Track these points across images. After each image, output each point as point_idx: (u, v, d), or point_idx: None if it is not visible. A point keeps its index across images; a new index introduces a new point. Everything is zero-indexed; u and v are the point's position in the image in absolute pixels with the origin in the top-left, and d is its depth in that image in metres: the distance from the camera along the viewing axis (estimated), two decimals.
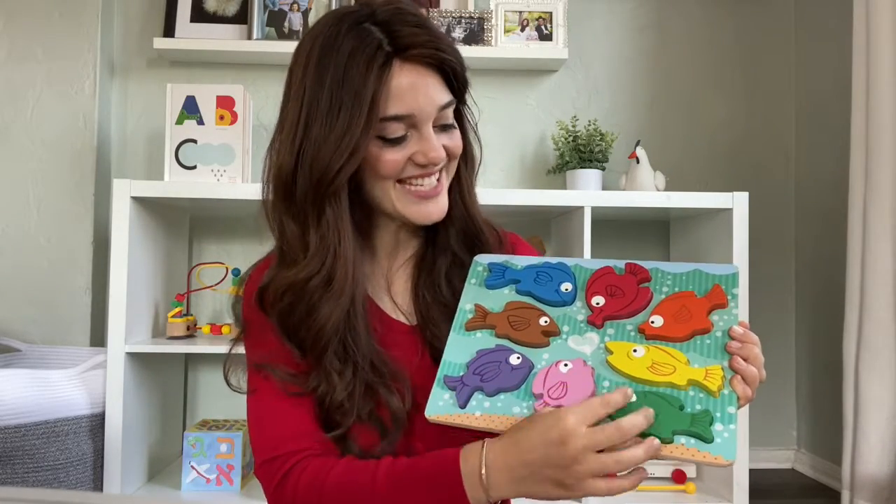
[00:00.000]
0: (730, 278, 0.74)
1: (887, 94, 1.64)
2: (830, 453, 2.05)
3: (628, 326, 0.73)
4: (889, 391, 1.64)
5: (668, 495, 1.76)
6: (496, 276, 0.80)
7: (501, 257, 0.83)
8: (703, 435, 0.62)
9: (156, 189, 1.68)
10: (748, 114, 2.26)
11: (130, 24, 2.12)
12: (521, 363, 0.71)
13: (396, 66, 0.74)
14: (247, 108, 1.83)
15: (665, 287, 0.75)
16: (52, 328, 1.93)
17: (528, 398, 0.68)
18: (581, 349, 0.71)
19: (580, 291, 0.77)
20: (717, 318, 0.71)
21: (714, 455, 0.61)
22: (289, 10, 2.07)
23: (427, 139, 0.76)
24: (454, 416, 0.68)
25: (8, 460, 1.46)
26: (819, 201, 2.15)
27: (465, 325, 0.76)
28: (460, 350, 0.74)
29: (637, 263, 0.78)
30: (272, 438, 0.76)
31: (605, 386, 0.67)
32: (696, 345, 0.69)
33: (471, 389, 0.69)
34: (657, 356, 0.68)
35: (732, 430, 0.63)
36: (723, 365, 0.67)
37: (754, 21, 2.27)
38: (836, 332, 1.81)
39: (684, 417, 0.63)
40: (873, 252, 1.65)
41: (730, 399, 0.65)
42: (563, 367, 0.69)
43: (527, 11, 2.12)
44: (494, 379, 0.70)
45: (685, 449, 0.62)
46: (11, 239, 1.95)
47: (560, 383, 0.68)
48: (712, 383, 0.65)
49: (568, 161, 1.98)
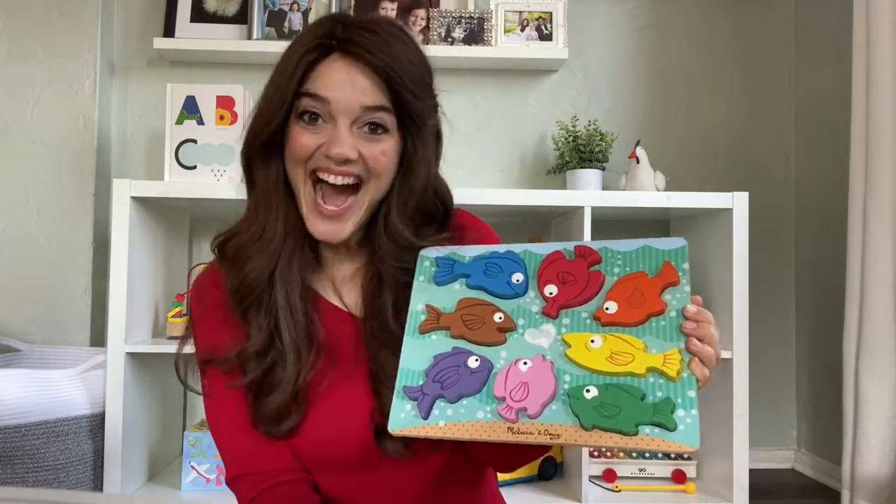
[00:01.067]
0: (678, 252, 0.72)
1: (887, 94, 1.64)
2: (830, 453, 2.05)
3: (583, 314, 0.71)
4: (889, 391, 1.64)
5: (668, 495, 1.76)
6: (444, 271, 0.77)
7: (446, 249, 0.80)
8: (665, 424, 0.62)
9: (156, 189, 1.68)
10: (748, 114, 2.26)
11: (130, 24, 2.12)
12: (479, 365, 0.69)
13: (334, 57, 0.77)
14: (247, 108, 1.83)
15: (616, 268, 0.73)
16: (52, 328, 1.93)
17: (490, 401, 0.67)
18: (538, 343, 0.70)
19: (532, 280, 0.75)
20: (670, 297, 0.70)
21: (678, 443, 0.61)
22: (289, 10, 2.07)
23: (338, 132, 0.76)
24: (418, 429, 0.67)
25: (8, 460, 1.46)
26: (819, 201, 2.15)
27: (419, 328, 0.73)
28: (416, 356, 0.71)
29: (586, 245, 0.76)
30: (238, 453, 0.80)
31: (567, 381, 0.67)
32: (652, 328, 0.68)
33: (432, 398, 0.68)
34: (615, 345, 0.68)
35: (694, 415, 0.62)
36: (679, 347, 0.66)
37: (754, 21, 2.27)
38: (836, 332, 1.81)
39: (646, 408, 0.63)
40: (873, 252, 1.65)
41: (689, 382, 0.64)
42: (523, 366, 0.68)
43: (527, 11, 2.12)
44: (455, 385, 0.68)
45: (650, 440, 0.62)
46: (11, 239, 1.95)
47: (521, 384, 0.67)
48: (671, 368, 0.65)
49: (568, 161, 1.98)
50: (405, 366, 0.71)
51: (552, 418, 0.65)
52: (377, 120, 0.77)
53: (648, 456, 1.85)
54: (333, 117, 0.76)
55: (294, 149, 0.78)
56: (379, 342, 0.79)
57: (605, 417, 0.63)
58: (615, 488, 1.76)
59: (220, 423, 0.81)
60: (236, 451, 0.80)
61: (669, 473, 1.81)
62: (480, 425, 0.66)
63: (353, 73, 0.76)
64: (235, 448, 0.80)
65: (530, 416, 0.65)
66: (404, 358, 0.72)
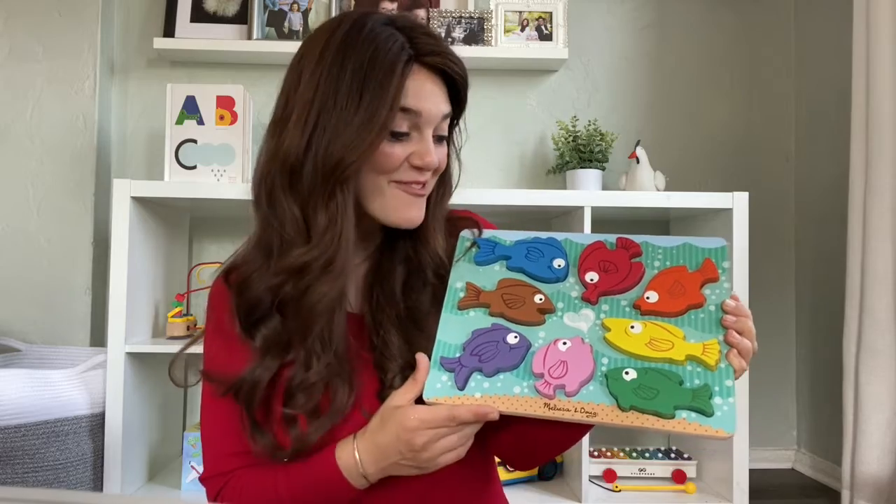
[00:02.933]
0: (719, 251, 0.75)
1: (887, 94, 1.64)
2: (830, 453, 2.05)
3: (623, 302, 0.73)
4: (889, 391, 1.64)
5: (668, 495, 1.76)
6: (485, 252, 0.79)
7: (489, 232, 0.82)
8: (704, 409, 0.63)
9: (156, 189, 1.68)
10: (748, 114, 2.26)
11: (130, 24, 2.12)
12: (518, 342, 0.70)
13: (415, 70, 0.76)
14: (247, 108, 1.83)
15: (656, 262, 0.75)
16: (52, 328, 1.93)
17: (528, 377, 0.68)
18: (577, 326, 0.72)
19: (572, 267, 0.77)
20: (710, 291, 0.72)
21: (715, 428, 0.62)
22: (289, 10, 2.07)
23: (426, 141, 0.77)
24: (454, 399, 0.68)
25: (8, 460, 1.46)
26: (819, 201, 2.15)
27: (458, 304, 0.75)
28: (454, 330, 0.73)
29: (628, 238, 0.78)
30: (213, 457, 0.81)
31: (605, 363, 0.68)
32: (691, 319, 0.70)
33: (469, 370, 0.69)
34: (654, 332, 0.69)
35: (731, 403, 0.64)
36: (718, 339, 0.68)
37: (754, 21, 2.27)
38: (836, 332, 1.81)
39: (685, 392, 0.64)
40: (873, 252, 1.65)
41: (727, 372, 0.66)
42: (562, 346, 0.69)
43: (527, 11, 2.12)
44: (493, 359, 0.69)
45: (687, 423, 0.63)
46: (11, 239, 1.95)
47: (560, 362, 0.68)
48: (710, 358, 0.66)
49: (568, 161, 1.98)
50: (442, 338, 0.72)
51: (589, 397, 0.66)
52: (444, 127, 0.80)
53: (648, 456, 1.85)
54: (420, 128, 0.77)
55: (384, 161, 0.75)
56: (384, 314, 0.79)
57: (644, 399, 0.64)
58: (615, 488, 1.76)
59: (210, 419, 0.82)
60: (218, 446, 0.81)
61: (669, 473, 1.81)
62: (517, 399, 0.67)
63: (435, 82, 0.78)
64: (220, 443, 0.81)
65: (567, 393, 0.66)
66: (442, 331, 0.73)
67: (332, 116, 0.73)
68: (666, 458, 1.84)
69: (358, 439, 0.74)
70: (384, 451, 0.71)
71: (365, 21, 0.76)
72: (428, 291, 0.81)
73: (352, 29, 0.76)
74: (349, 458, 0.73)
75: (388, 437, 0.71)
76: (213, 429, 0.82)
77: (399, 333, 0.78)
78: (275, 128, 0.79)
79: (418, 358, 0.72)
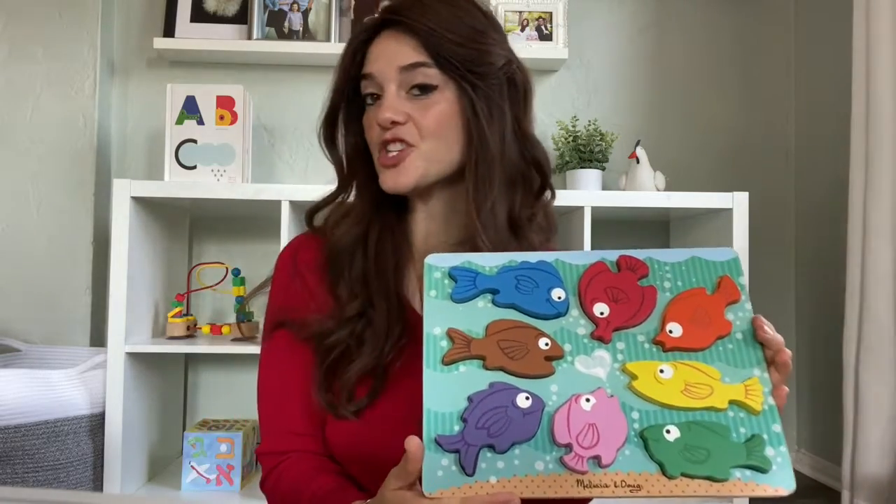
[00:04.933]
0: (733, 264, 0.65)
1: (887, 94, 1.64)
2: (830, 453, 2.05)
3: (640, 337, 0.62)
4: (889, 391, 1.64)
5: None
6: (465, 285, 0.64)
7: (460, 257, 0.66)
8: (760, 466, 0.55)
9: (156, 189, 1.68)
10: (748, 114, 2.26)
11: (130, 24, 2.12)
12: (531, 405, 0.57)
13: (378, 38, 0.80)
14: (247, 108, 1.83)
15: (666, 282, 0.65)
16: (52, 328, 1.93)
17: (550, 449, 0.56)
18: (594, 373, 0.60)
19: (573, 297, 0.64)
20: (733, 316, 0.62)
21: (774, 487, 0.54)
22: (289, 10, 2.07)
23: (383, 99, 0.78)
24: (463, 488, 0.54)
25: (8, 460, 1.46)
26: (819, 201, 2.15)
27: (444, 358, 0.60)
28: (445, 394, 0.58)
29: (631, 256, 0.66)
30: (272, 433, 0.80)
31: (635, 418, 0.57)
32: (720, 352, 0.60)
33: (477, 449, 0.55)
34: (689, 375, 0.59)
35: (784, 452, 0.56)
36: (759, 376, 0.59)
37: (754, 21, 2.27)
38: (836, 332, 1.81)
39: (738, 449, 0.55)
40: (873, 252, 1.65)
41: (772, 415, 0.58)
42: (586, 403, 0.58)
43: (527, 11, 2.11)
44: (505, 431, 0.56)
45: (743, 485, 0.54)
46: (11, 239, 1.95)
47: (588, 426, 0.56)
48: (754, 400, 0.58)
49: (568, 161, 1.98)
50: (432, 408, 0.58)
51: (629, 466, 0.55)
52: (422, 79, 0.76)
53: None
54: (382, 89, 0.78)
55: (368, 132, 0.81)
56: None
57: (693, 463, 0.55)
58: None
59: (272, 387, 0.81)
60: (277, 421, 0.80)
61: None
62: (542, 479, 0.54)
63: (393, 41, 0.78)
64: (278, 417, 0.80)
65: (603, 464, 0.55)
66: (429, 398, 0.58)
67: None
68: None
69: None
70: None
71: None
72: None
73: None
74: None
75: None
76: (277, 399, 0.80)
77: None
78: None
79: (408, 444, 0.55)
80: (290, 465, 0.78)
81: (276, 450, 0.79)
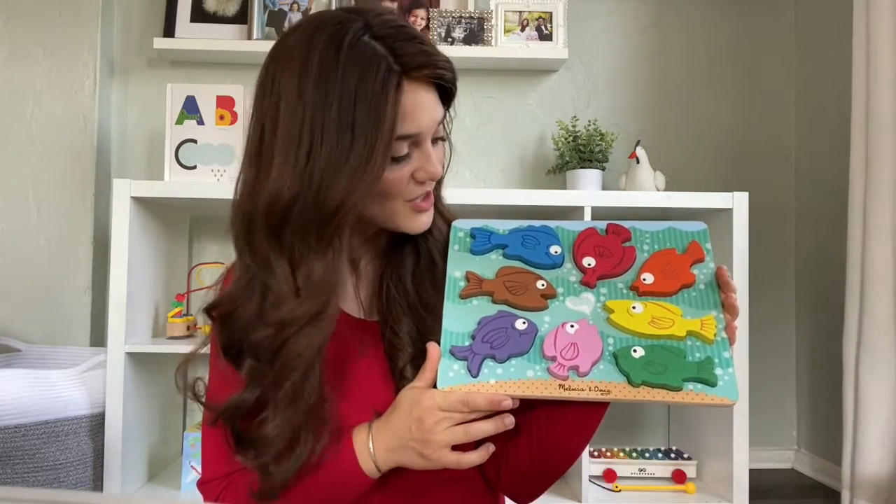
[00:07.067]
0: (702, 233, 0.80)
1: (887, 94, 1.64)
2: (830, 453, 2.05)
3: (619, 285, 0.76)
4: (889, 391, 1.64)
5: (668, 495, 1.76)
6: (481, 241, 0.80)
7: (480, 221, 0.83)
8: (708, 380, 0.68)
9: (156, 189, 1.68)
10: (748, 114, 2.26)
11: (130, 24, 2.12)
12: (527, 327, 0.72)
13: (406, 86, 0.70)
14: (247, 108, 1.83)
15: (645, 245, 0.79)
16: (52, 328, 1.93)
17: (539, 361, 0.70)
18: (580, 309, 0.74)
19: (568, 253, 0.79)
20: (698, 271, 0.77)
21: (720, 396, 0.67)
22: (289, 10, 2.07)
23: (428, 156, 0.75)
24: (468, 386, 0.69)
25: (8, 460, 1.46)
26: (819, 201, 2.15)
27: (461, 293, 0.76)
28: (459, 319, 0.74)
29: (618, 223, 0.81)
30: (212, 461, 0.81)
31: (611, 343, 0.71)
32: (685, 297, 0.75)
33: (481, 357, 0.70)
34: (655, 311, 0.73)
35: (731, 372, 0.69)
36: (713, 314, 0.73)
37: (754, 21, 2.27)
38: (836, 332, 1.81)
39: (690, 366, 0.69)
40: (873, 252, 1.65)
41: (724, 345, 0.71)
42: (570, 328, 0.72)
43: (527, 11, 2.12)
44: (504, 345, 0.71)
45: (694, 394, 0.67)
46: (11, 239, 1.95)
47: (570, 344, 0.71)
48: (708, 332, 0.71)
49: (568, 161, 1.98)
50: (449, 328, 0.73)
51: (601, 376, 0.69)
52: (441, 132, 0.78)
53: (648, 456, 1.85)
54: (419, 144, 0.75)
55: (391, 189, 0.73)
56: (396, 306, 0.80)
57: (653, 374, 0.68)
58: (615, 488, 1.76)
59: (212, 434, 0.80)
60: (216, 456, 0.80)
61: (669, 473, 1.81)
62: (531, 383, 0.69)
63: (426, 93, 0.73)
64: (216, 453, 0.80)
65: (580, 373, 0.69)
66: (447, 321, 0.74)
67: (322, 157, 0.67)
68: (666, 458, 1.84)
69: (373, 424, 0.74)
70: (396, 432, 0.71)
71: (342, 35, 0.69)
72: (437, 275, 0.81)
73: (329, 46, 0.68)
74: (363, 442, 0.73)
75: (400, 417, 0.71)
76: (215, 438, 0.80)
77: (411, 322, 0.78)
78: (255, 160, 0.73)
79: (429, 347, 0.72)
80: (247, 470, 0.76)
81: (218, 475, 0.80)
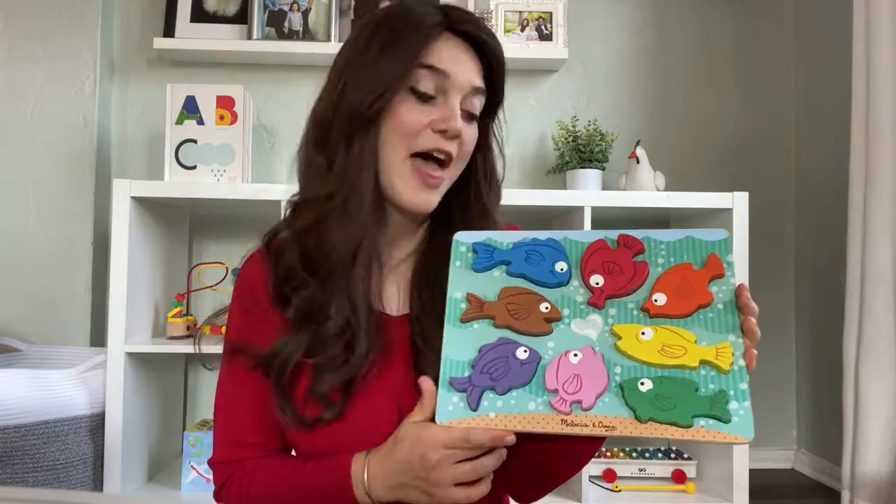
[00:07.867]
0: (723, 244, 0.73)
1: (887, 94, 1.64)
2: (830, 453, 2.05)
3: (630, 305, 0.71)
4: (889, 391, 1.64)
5: (668, 495, 1.76)
6: (483, 257, 0.76)
7: (483, 234, 0.78)
8: (721, 416, 0.63)
9: (156, 189, 1.68)
10: (748, 114, 2.26)
11: (130, 24, 2.12)
12: (528, 357, 0.69)
13: (446, 36, 0.77)
14: (247, 108, 1.83)
15: (660, 259, 0.74)
16: (52, 328, 1.93)
17: (541, 394, 0.67)
18: (586, 334, 0.70)
19: (575, 270, 0.74)
20: (717, 288, 0.71)
21: (733, 434, 0.63)
22: (289, 10, 2.07)
23: (452, 107, 0.76)
24: (468, 420, 0.67)
25: (8, 460, 1.46)
26: (819, 201, 2.15)
27: (461, 317, 0.72)
28: (460, 346, 0.71)
29: (630, 235, 0.75)
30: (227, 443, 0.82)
31: (618, 373, 0.67)
32: (701, 319, 0.69)
33: (481, 390, 0.68)
34: (666, 338, 0.68)
35: (747, 407, 0.64)
36: (730, 340, 0.67)
37: (754, 21, 2.27)
38: (836, 332, 1.81)
39: (702, 401, 0.64)
40: (873, 252, 1.65)
41: (740, 375, 0.65)
42: (574, 358, 0.68)
43: (527, 11, 2.12)
44: (505, 377, 0.68)
45: (705, 432, 0.63)
46: (11, 239, 1.95)
47: (573, 375, 0.67)
48: (724, 361, 0.66)
49: (568, 161, 1.98)
50: (449, 356, 0.70)
51: (606, 410, 0.65)
52: (477, 106, 0.79)
53: (648, 456, 1.85)
54: (446, 93, 0.76)
55: (407, 124, 0.76)
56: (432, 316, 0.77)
57: (661, 410, 0.64)
58: (615, 488, 1.76)
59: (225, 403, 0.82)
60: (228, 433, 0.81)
61: (669, 473, 1.81)
62: (532, 417, 0.66)
63: (467, 53, 0.77)
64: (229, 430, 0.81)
65: (584, 408, 0.66)
66: (447, 348, 0.71)
67: (357, 70, 0.76)
68: (666, 458, 1.84)
69: (371, 455, 0.73)
70: (396, 469, 0.70)
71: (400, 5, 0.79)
72: None
73: (391, 7, 0.79)
74: (359, 471, 0.72)
75: (401, 454, 0.69)
76: (231, 413, 0.81)
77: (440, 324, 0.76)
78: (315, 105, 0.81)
79: (421, 383, 0.70)
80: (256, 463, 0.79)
81: (228, 459, 0.81)
